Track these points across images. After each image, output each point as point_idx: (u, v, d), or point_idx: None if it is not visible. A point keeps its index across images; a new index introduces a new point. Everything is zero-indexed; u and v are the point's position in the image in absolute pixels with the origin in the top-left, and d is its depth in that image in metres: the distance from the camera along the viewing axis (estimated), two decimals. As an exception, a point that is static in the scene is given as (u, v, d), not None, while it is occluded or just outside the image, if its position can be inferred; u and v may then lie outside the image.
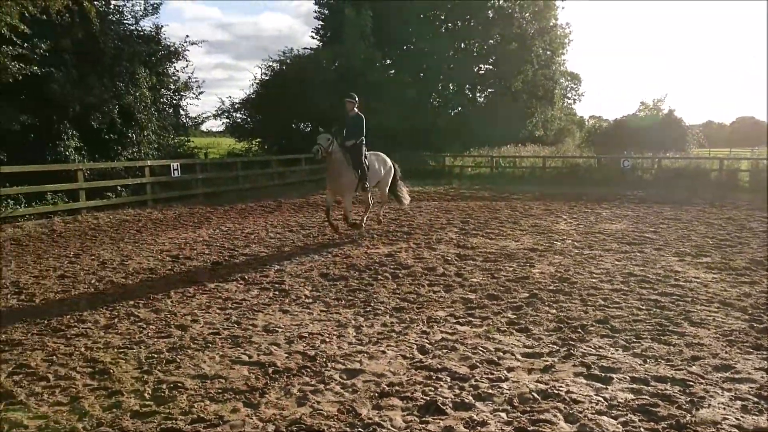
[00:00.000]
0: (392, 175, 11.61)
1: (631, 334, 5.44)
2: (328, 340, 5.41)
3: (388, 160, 11.61)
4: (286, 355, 5.04)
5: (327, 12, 36.84)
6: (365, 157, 10.67)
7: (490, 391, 4.24)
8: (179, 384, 4.43)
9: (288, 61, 31.15)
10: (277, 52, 32.19)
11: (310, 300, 6.79)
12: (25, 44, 13.56)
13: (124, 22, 19.13)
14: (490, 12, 37.07)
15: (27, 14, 12.92)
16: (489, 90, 39.45)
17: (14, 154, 14.19)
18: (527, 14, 37.59)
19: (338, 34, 32.21)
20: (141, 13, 19.61)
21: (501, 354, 4.99)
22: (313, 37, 38.02)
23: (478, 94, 40.11)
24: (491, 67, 38.54)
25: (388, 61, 35.68)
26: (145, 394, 4.28)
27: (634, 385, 4.32)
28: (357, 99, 10.74)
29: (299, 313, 6.31)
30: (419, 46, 36.40)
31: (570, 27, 46.30)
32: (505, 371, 4.61)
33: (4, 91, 13.48)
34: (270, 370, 4.67)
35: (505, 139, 32.64)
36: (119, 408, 4.07)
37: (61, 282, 7.80)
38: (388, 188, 11.65)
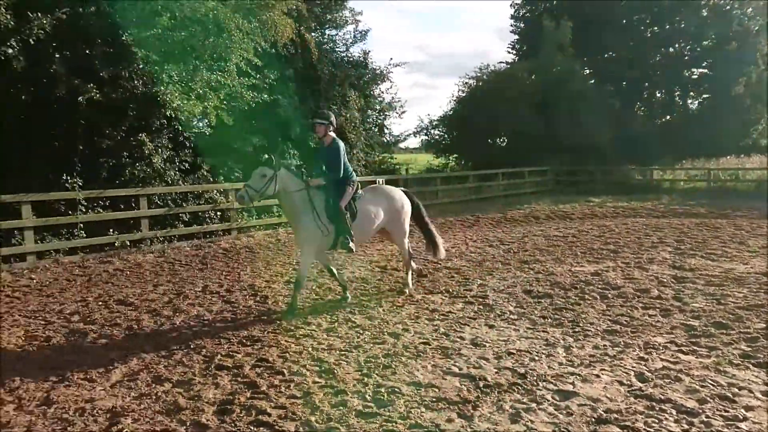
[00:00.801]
0: (407, 214, 8.15)
1: None
2: (537, 358, 5.35)
3: (396, 195, 8.00)
4: (496, 370, 5.08)
5: (523, 25, 36.57)
6: (352, 199, 7.34)
7: (725, 430, 3.87)
8: (396, 389, 4.70)
9: (484, 77, 31.42)
10: (473, 69, 32.59)
11: (515, 316, 6.77)
12: (258, 75, 15.46)
13: (336, 49, 20.92)
14: (704, 11, 33.81)
15: (260, 48, 14.76)
16: (703, 96, 35.86)
17: (248, 172, 16.18)
18: (749, 9, 33.55)
19: (535, 47, 31.74)
20: (351, 41, 21.32)
21: (736, 390, 4.51)
22: (509, 52, 38.00)
23: (690, 101, 36.74)
24: (706, 70, 35.03)
25: (588, 71, 34.21)
26: (367, 396, 4.61)
27: None
28: (332, 119, 7.36)
29: (505, 328, 6.32)
30: (621, 54, 34.42)
31: (805, 18, 40.18)
32: (742, 410, 4.17)
33: (241, 118, 15.47)
34: (481, 384, 4.75)
35: (723, 150, 29.41)
36: (345, 406, 4.43)
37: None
38: (406, 237, 8.19)
